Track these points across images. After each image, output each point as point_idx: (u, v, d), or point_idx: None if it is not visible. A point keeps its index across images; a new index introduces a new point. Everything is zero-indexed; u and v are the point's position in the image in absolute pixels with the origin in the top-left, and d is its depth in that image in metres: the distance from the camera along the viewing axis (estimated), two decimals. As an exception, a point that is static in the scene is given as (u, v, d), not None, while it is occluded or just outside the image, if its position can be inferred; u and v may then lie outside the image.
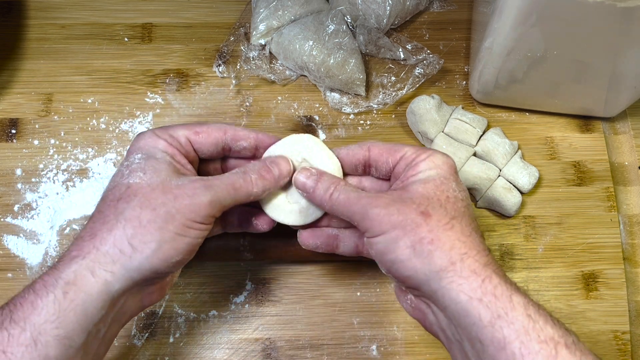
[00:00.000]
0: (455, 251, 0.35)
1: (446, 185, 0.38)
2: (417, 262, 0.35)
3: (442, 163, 0.39)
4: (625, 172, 0.56)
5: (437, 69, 0.56)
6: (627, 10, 0.39)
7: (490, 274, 0.34)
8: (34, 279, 0.35)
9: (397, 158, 0.40)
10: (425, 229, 0.35)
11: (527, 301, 0.33)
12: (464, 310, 0.33)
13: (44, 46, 0.59)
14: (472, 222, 0.37)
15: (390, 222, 0.36)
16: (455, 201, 0.37)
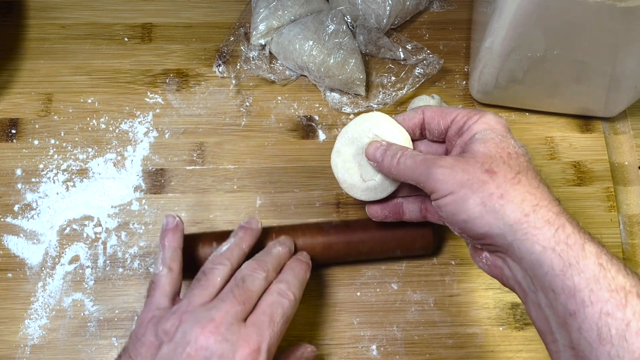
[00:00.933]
0: (526, 203, 0.35)
1: (505, 142, 0.38)
2: (490, 218, 0.35)
3: (495, 122, 0.39)
4: (625, 172, 0.56)
5: (437, 69, 0.56)
6: (627, 10, 0.39)
7: (564, 222, 0.34)
8: None
9: (448, 121, 0.41)
10: (493, 185, 0.35)
11: (599, 250, 0.33)
12: (538, 260, 0.34)
13: (44, 46, 0.59)
14: (537, 175, 0.37)
15: (457, 181, 0.36)
16: (517, 156, 0.37)
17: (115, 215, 0.52)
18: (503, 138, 0.38)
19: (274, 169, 0.55)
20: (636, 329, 0.30)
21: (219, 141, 0.56)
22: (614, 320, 0.31)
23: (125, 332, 0.49)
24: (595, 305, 0.31)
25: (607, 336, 0.31)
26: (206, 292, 0.40)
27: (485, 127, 0.39)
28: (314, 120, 0.57)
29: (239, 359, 0.36)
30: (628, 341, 0.30)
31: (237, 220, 0.53)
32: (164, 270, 0.41)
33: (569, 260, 0.33)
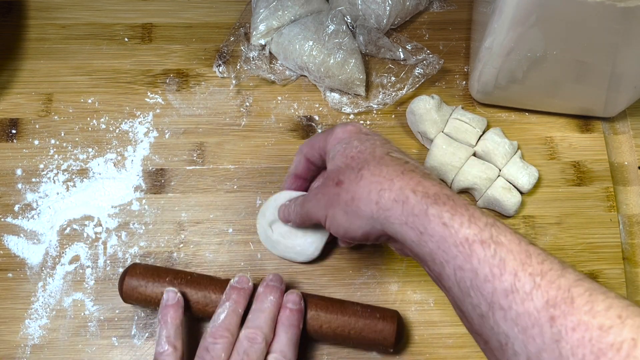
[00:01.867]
0: (373, 193, 0.37)
1: (348, 148, 0.41)
2: (356, 221, 0.38)
3: (342, 133, 0.43)
4: (625, 172, 0.56)
5: (437, 69, 0.56)
6: (627, 10, 0.39)
7: (407, 195, 0.36)
8: None
9: (318, 152, 0.45)
10: (344, 193, 0.39)
11: (440, 210, 0.34)
12: (402, 235, 0.36)
13: (44, 46, 0.59)
14: (380, 159, 0.39)
15: (322, 206, 0.41)
16: (359, 154, 0.40)
17: (115, 215, 0.52)
18: (347, 145, 0.41)
19: (274, 169, 0.55)
20: (483, 276, 0.32)
21: (219, 141, 0.56)
22: (465, 272, 0.33)
23: (125, 332, 0.49)
24: (449, 264, 0.33)
25: (465, 288, 0.33)
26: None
27: (335, 142, 0.42)
28: (314, 120, 0.57)
29: None
30: (480, 288, 0.32)
31: (237, 221, 0.53)
32: (169, 350, 0.42)
33: (419, 228, 0.35)
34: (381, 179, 0.37)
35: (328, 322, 0.45)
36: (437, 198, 0.35)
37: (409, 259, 0.51)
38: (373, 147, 0.40)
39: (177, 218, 0.53)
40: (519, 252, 0.32)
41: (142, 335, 0.48)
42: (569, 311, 0.28)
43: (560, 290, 0.29)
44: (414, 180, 0.36)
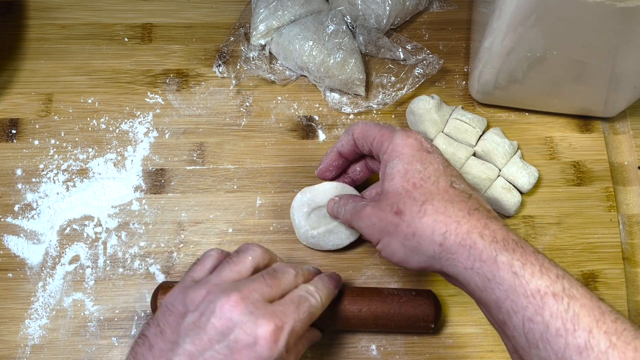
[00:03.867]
0: (436, 234, 0.36)
1: (411, 171, 0.39)
2: (414, 256, 0.38)
3: (402, 146, 0.40)
4: (625, 172, 0.56)
5: (436, 69, 0.56)
6: (626, 10, 0.39)
7: (475, 239, 0.35)
8: None
9: (369, 143, 0.43)
10: (404, 225, 0.38)
11: (511, 258, 0.34)
12: (465, 279, 0.36)
13: (44, 46, 0.59)
14: (445, 194, 0.38)
15: (377, 230, 0.40)
16: (422, 184, 0.38)
17: (115, 215, 0.52)
18: (408, 167, 0.39)
19: (274, 169, 0.55)
20: (555, 330, 0.32)
21: (219, 141, 0.56)
22: (535, 324, 0.32)
23: (125, 332, 0.49)
24: (518, 314, 0.33)
25: (534, 340, 0.33)
26: (236, 268, 0.40)
27: (393, 157, 0.40)
28: (314, 120, 0.57)
29: (261, 334, 0.35)
30: (550, 342, 0.32)
31: (237, 221, 0.53)
32: (213, 251, 0.42)
33: (487, 275, 0.34)
34: (446, 218, 0.36)
35: (367, 305, 0.45)
36: (505, 243, 0.35)
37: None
38: (437, 175, 0.39)
39: (177, 218, 0.53)
40: (592, 308, 0.32)
41: (142, 335, 0.48)
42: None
43: (638, 353, 0.30)
44: (481, 223, 0.36)
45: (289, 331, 0.36)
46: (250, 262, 0.40)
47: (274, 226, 0.53)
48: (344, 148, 0.47)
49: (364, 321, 0.46)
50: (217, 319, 0.36)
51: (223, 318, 0.36)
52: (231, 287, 0.37)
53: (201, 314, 0.36)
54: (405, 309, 0.46)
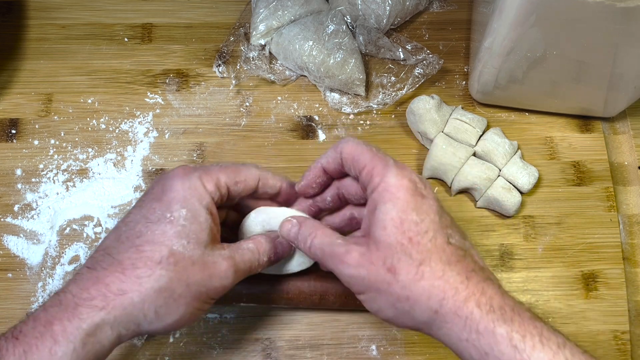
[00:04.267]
0: (433, 300, 0.34)
1: (407, 222, 0.35)
2: (404, 318, 0.36)
3: (396, 189, 0.36)
4: (625, 172, 0.56)
5: (437, 69, 0.56)
6: (626, 10, 0.39)
7: (472, 309, 0.34)
8: (48, 306, 0.34)
9: (358, 169, 0.39)
10: (398, 287, 0.35)
11: (510, 330, 0.33)
12: (458, 350, 0.35)
13: (44, 46, 0.59)
14: (442, 253, 0.35)
15: (364, 283, 0.36)
16: (419, 240, 0.35)
17: (115, 215, 0.52)
18: (403, 215, 0.35)
19: (274, 169, 0.54)
20: None
21: (219, 141, 0.56)
22: None
23: (125, 332, 0.49)
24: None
25: None
26: None
27: (386, 199, 0.36)
28: (314, 120, 0.57)
29: (169, 175, 0.38)
30: None
31: (237, 220, 0.53)
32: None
33: (484, 348, 0.33)
34: (444, 284, 0.34)
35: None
36: (503, 312, 0.34)
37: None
38: (434, 229, 0.36)
39: (177, 218, 0.53)
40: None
41: (142, 335, 0.48)
42: None
43: None
44: (478, 288, 0.34)
45: (203, 169, 0.38)
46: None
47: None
48: (330, 165, 0.41)
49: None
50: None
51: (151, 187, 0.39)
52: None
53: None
54: None
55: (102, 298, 0.34)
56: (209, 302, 0.38)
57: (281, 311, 0.50)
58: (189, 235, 0.36)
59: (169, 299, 0.35)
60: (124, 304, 0.34)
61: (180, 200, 0.37)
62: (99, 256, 0.36)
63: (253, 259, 0.40)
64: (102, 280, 0.35)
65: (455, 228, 0.38)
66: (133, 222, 0.37)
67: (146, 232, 0.36)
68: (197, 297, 0.36)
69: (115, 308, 0.34)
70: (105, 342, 0.34)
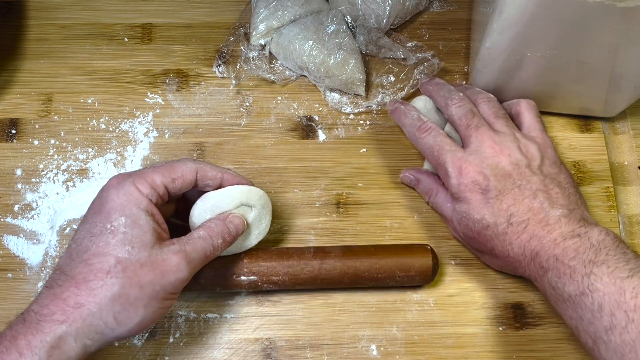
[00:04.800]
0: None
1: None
2: (506, 267, 0.49)
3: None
4: (625, 172, 0.56)
5: (437, 69, 0.56)
6: (627, 10, 0.39)
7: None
8: (13, 324, 0.36)
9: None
10: (498, 258, 0.48)
11: (553, 275, 0.42)
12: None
13: (44, 46, 0.59)
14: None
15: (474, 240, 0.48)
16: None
17: (115, 215, 0.52)
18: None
19: (274, 169, 0.55)
20: (587, 320, 0.39)
21: (219, 141, 0.56)
22: (573, 320, 0.41)
23: (125, 332, 0.49)
24: (565, 316, 0.42)
25: (577, 331, 0.40)
26: None
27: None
28: (314, 120, 0.57)
29: (105, 187, 0.40)
30: (587, 330, 0.39)
31: (237, 220, 0.53)
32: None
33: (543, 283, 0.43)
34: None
35: (365, 255, 0.47)
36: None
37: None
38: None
39: (177, 218, 0.53)
40: (613, 293, 0.37)
41: (142, 335, 0.48)
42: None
43: None
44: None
45: (136, 174, 0.40)
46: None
47: (274, 226, 0.52)
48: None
49: (364, 250, 0.47)
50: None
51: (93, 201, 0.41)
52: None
53: None
54: (402, 256, 0.47)
55: (62, 312, 0.36)
56: (171, 298, 0.39)
57: (281, 311, 0.50)
58: (132, 241, 0.37)
59: (126, 304, 0.37)
60: (82, 315, 0.36)
61: (118, 209, 0.38)
62: (55, 275, 0.38)
63: (206, 246, 0.41)
64: (59, 296, 0.36)
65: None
66: (80, 239, 0.38)
67: (91, 245, 0.37)
68: (154, 297, 0.38)
69: (76, 320, 0.36)
70: (71, 354, 0.36)
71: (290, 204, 0.53)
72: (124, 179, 0.40)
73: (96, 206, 0.39)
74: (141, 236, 0.38)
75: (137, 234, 0.38)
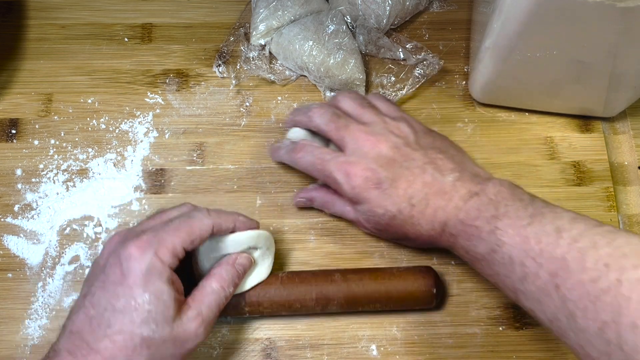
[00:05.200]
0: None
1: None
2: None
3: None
4: (625, 172, 0.56)
5: (437, 69, 0.56)
6: (627, 10, 0.39)
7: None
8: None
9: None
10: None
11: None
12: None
13: (44, 46, 0.59)
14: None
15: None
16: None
17: (115, 215, 0.52)
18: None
19: (274, 169, 0.55)
20: (503, 275, 0.40)
21: (219, 141, 0.56)
22: (493, 277, 0.41)
23: (125, 332, 0.49)
24: (483, 273, 0.43)
25: (502, 286, 0.41)
26: (150, 222, 0.42)
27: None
28: (314, 120, 0.57)
29: (126, 252, 0.38)
30: (504, 284, 0.40)
31: (237, 220, 0.53)
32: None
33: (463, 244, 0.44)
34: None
35: (368, 279, 0.46)
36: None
37: (408, 259, 0.51)
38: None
39: (177, 218, 0.53)
40: (519, 243, 0.37)
41: None
42: (567, 276, 0.34)
43: (558, 261, 0.35)
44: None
45: (157, 241, 0.38)
46: (167, 214, 0.43)
47: (274, 226, 0.53)
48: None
49: (366, 294, 0.46)
50: (101, 258, 0.40)
51: (104, 256, 0.40)
52: (125, 230, 0.41)
53: (95, 264, 0.41)
54: (406, 277, 0.46)
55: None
56: (186, 357, 0.40)
57: (281, 311, 0.50)
58: (156, 319, 0.37)
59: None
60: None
61: (141, 284, 0.37)
62: (76, 341, 0.37)
63: (219, 299, 0.41)
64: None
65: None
66: (100, 307, 0.38)
67: (115, 322, 0.37)
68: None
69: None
70: None
71: (291, 204, 0.53)
72: (146, 249, 0.38)
73: (117, 276, 0.38)
74: (164, 311, 0.38)
75: (161, 309, 0.37)
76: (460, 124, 0.57)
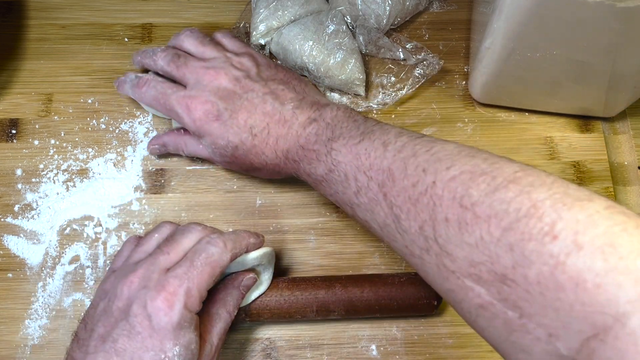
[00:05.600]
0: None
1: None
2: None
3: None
4: (625, 172, 0.56)
5: (437, 69, 0.56)
6: (627, 10, 0.39)
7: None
8: None
9: None
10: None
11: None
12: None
13: (44, 46, 0.59)
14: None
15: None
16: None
17: (115, 215, 0.52)
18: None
19: (274, 169, 0.55)
20: (341, 192, 0.41)
21: (219, 141, 0.56)
22: (333, 196, 0.42)
23: (125, 332, 0.49)
24: (325, 193, 0.44)
25: (342, 204, 0.42)
26: (142, 249, 0.43)
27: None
28: (314, 120, 0.57)
29: (153, 305, 0.37)
30: (344, 201, 0.41)
31: (237, 221, 0.53)
32: (131, 238, 0.46)
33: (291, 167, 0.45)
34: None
35: (369, 286, 0.46)
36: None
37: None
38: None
39: (177, 218, 0.53)
40: (351, 160, 0.39)
41: None
42: (392, 184, 0.36)
43: (385, 172, 0.37)
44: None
45: (184, 293, 0.38)
46: (156, 239, 0.43)
47: (273, 226, 0.53)
48: None
49: (367, 304, 0.46)
50: (119, 300, 0.38)
51: (123, 298, 0.38)
52: (132, 268, 0.40)
53: (109, 300, 0.39)
54: (406, 287, 0.46)
55: None
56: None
57: (281, 311, 0.50)
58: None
59: None
60: None
61: (172, 338, 0.37)
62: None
63: (227, 325, 0.42)
64: None
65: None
66: (126, 356, 0.37)
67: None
68: None
69: None
70: None
71: (290, 204, 0.53)
72: (174, 302, 0.37)
73: (144, 327, 0.37)
74: (192, 359, 0.38)
75: (189, 358, 0.38)
76: (460, 124, 0.57)
